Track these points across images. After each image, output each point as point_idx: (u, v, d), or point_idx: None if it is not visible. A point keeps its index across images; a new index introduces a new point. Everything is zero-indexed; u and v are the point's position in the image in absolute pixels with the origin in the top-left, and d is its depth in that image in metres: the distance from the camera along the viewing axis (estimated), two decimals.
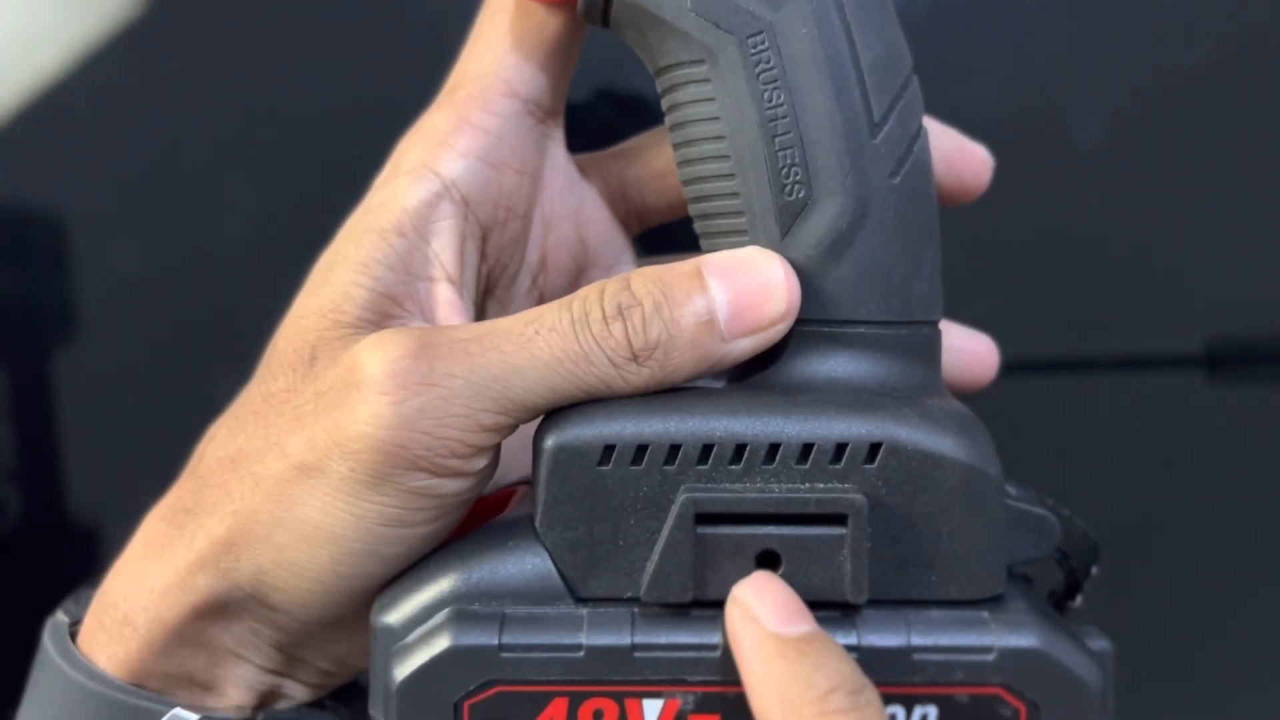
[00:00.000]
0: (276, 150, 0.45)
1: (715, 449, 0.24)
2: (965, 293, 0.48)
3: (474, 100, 0.28)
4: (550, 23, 0.28)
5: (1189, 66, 0.45)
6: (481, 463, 0.25)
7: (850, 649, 0.24)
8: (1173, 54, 0.45)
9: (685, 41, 0.25)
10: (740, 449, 0.24)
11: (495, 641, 0.23)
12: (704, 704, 0.24)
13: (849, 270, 0.25)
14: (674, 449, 0.24)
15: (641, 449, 0.24)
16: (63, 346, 0.48)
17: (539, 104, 0.29)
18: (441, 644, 0.23)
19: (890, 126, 0.26)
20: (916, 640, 0.24)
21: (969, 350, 0.32)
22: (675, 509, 0.24)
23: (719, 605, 0.24)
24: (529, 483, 0.28)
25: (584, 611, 0.24)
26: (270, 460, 0.26)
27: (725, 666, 0.24)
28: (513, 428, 0.25)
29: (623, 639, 0.24)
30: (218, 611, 0.27)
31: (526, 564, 0.24)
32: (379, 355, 0.24)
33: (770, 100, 0.25)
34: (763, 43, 0.25)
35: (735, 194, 0.26)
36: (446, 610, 0.24)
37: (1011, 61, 0.46)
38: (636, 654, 0.24)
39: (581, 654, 0.24)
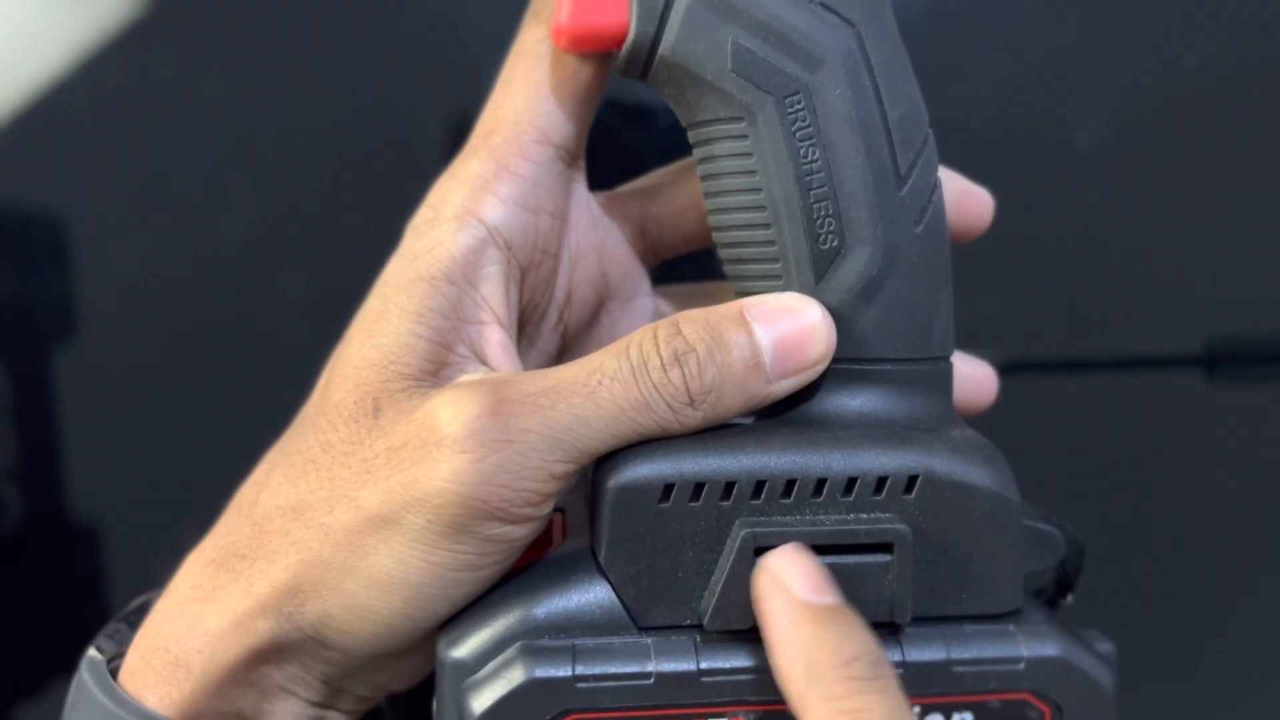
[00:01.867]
0: (276, 150, 0.45)
1: (767, 485, 0.26)
2: (965, 293, 0.48)
3: (511, 147, 0.29)
4: (583, 71, 0.29)
5: (1188, 66, 0.45)
6: (549, 507, 0.27)
7: (897, 664, 0.26)
8: (1172, 54, 0.45)
9: (725, 100, 0.27)
10: (790, 484, 0.26)
11: (570, 673, 0.25)
12: None
13: (878, 312, 0.27)
14: (729, 486, 0.26)
15: (699, 487, 0.26)
16: (63, 346, 0.48)
17: (568, 149, 0.30)
18: (518, 677, 0.25)
19: (914, 179, 0.27)
20: (955, 654, 0.26)
21: (972, 378, 0.34)
22: (736, 543, 0.25)
23: None
24: (562, 510, 0.30)
25: (649, 640, 0.26)
26: (340, 512, 0.27)
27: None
28: (578, 473, 0.27)
29: (689, 665, 0.26)
30: (275, 653, 0.28)
31: (590, 596, 0.26)
32: (456, 414, 0.25)
33: (806, 156, 0.27)
34: (799, 102, 0.27)
35: (771, 242, 0.27)
36: (518, 644, 0.25)
37: (1011, 61, 0.46)
38: (703, 679, 0.25)
39: (651, 681, 0.25)
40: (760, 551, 0.25)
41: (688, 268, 0.36)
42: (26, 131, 0.46)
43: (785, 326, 0.26)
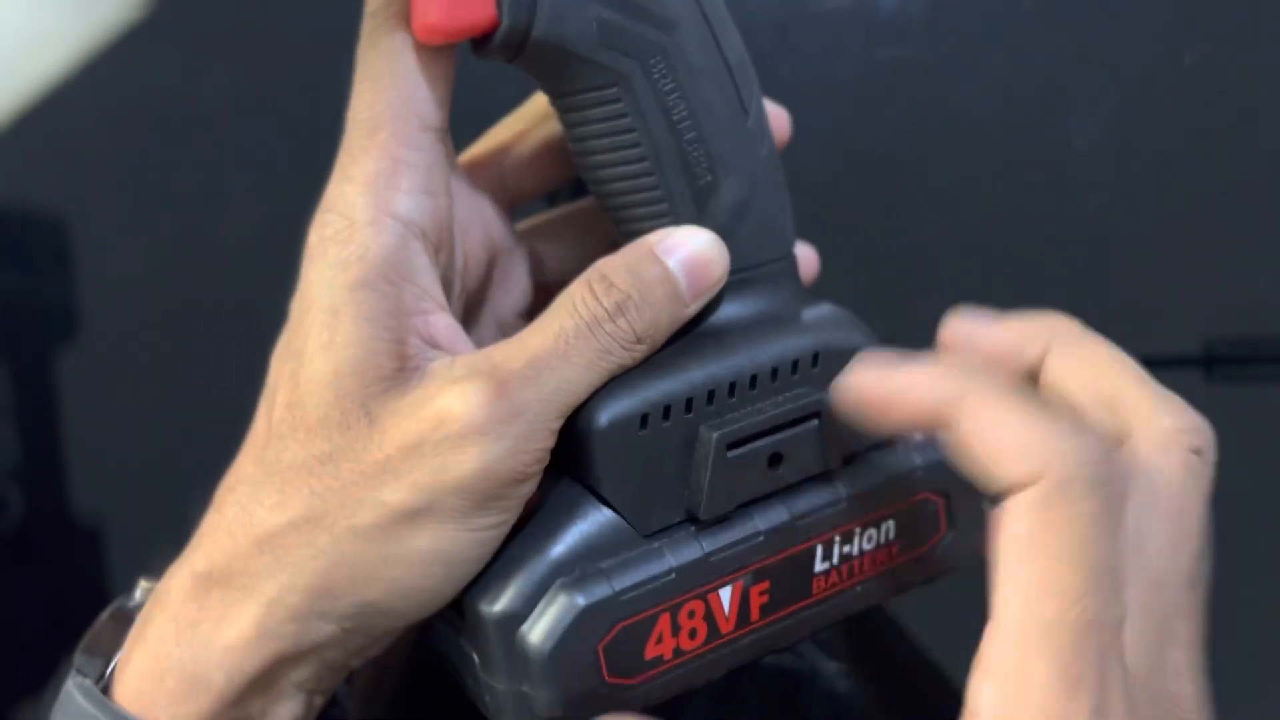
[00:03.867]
0: (276, 150, 0.45)
1: (715, 392, 0.31)
2: (965, 293, 0.48)
3: (400, 141, 0.31)
4: (444, 53, 0.31)
5: (1187, 67, 0.45)
6: (548, 456, 0.29)
7: (837, 501, 0.32)
8: (1171, 54, 0.46)
9: (597, 70, 0.30)
10: (732, 386, 0.31)
11: (611, 591, 0.29)
12: (757, 577, 0.31)
13: (750, 228, 0.32)
14: (689, 401, 0.31)
15: (667, 409, 0.30)
16: (65, 346, 0.48)
17: (442, 128, 0.32)
18: (572, 608, 0.29)
19: (754, 111, 0.32)
20: (874, 481, 0.33)
21: (803, 257, 0.37)
22: (711, 445, 0.30)
23: (749, 504, 0.31)
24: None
25: (659, 544, 0.30)
26: (365, 513, 0.28)
27: (765, 546, 0.31)
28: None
29: (697, 552, 0.30)
30: (301, 654, 0.29)
31: (598, 524, 0.30)
32: (467, 402, 0.28)
33: (674, 109, 0.31)
34: (661, 62, 0.30)
35: (655, 187, 0.31)
36: (559, 581, 0.29)
37: (1011, 62, 0.47)
38: (711, 559, 0.30)
39: (673, 575, 0.30)
40: (732, 446, 0.31)
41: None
42: (28, 132, 0.46)
43: (689, 255, 0.31)
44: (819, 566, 0.32)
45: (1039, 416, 0.26)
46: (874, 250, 0.48)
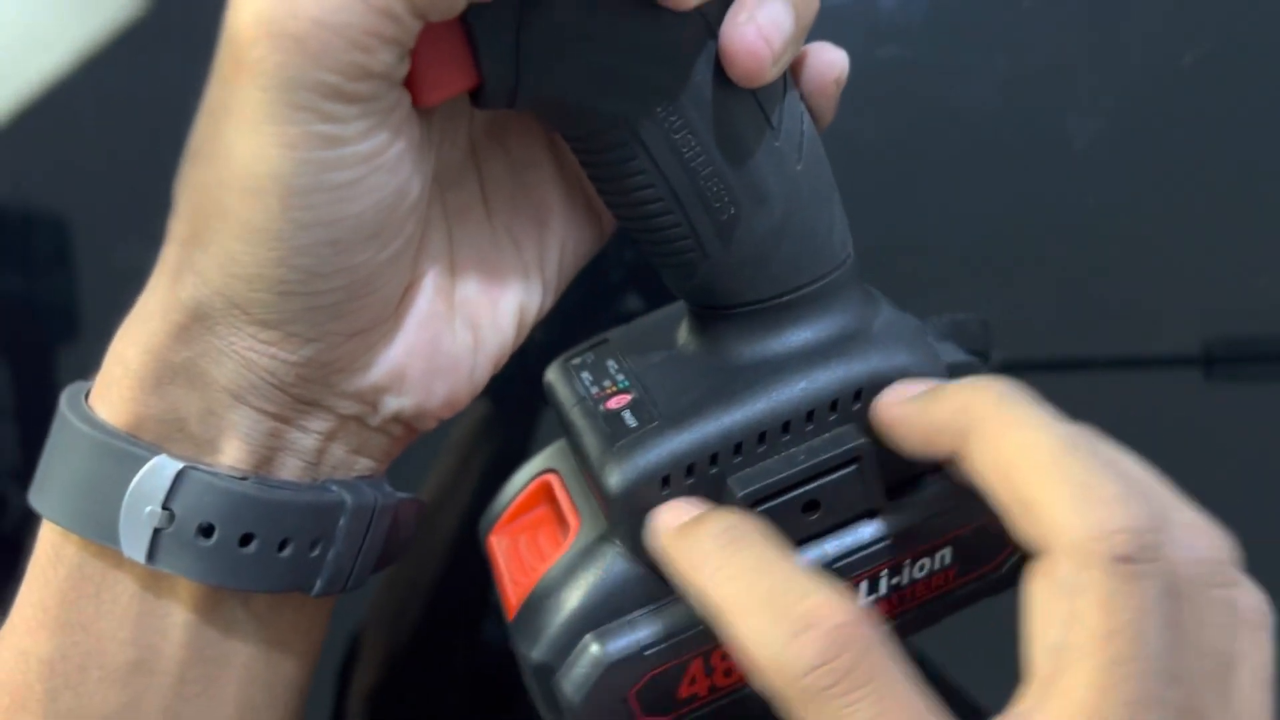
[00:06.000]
0: None
1: (744, 443, 0.29)
2: (966, 293, 0.48)
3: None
4: None
5: (1186, 67, 0.45)
6: (391, 56, 0.25)
7: (884, 537, 0.30)
8: (1170, 54, 0.46)
9: (596, 116, 0.28)
10: (762, 435, 0.29)
11: (637, 646, 0.29)
12: None
13: (789, 249, 0.30)
14: (713, 457, 0.29)
15: (690, 467, 0.29)
16: (66, 345, 0.48)
17: None
18: (600, 662, 0.29)
19: (785, 123, 0.29)
20: (924, 514, 0.31)
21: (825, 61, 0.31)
22: (737, 502, 0.29)
23: None
24: (554, 471, 0.34)
25: None
26: (203, 128, 0.26)
27: None
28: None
29: None
30: (200, 326, 0.27)
31: (626, 577, 0.29)
32: None
33: (685, 145, 0.28)
34: (665, 100, 0.28)
35: (677, 224, 0.29)
36: (589, 635, 0.29)
37: (1010, 62, 0.47)
38: None
39: (701, 628, 0.29)
40: (756, 504, 0.29)
41: None
42: (29, 132, 0.47)
43: None
44: (863, 600, 0.31)
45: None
46: (873, 250, 0.48)
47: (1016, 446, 0.25)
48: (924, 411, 0.28)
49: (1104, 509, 0.23)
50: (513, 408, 0.48)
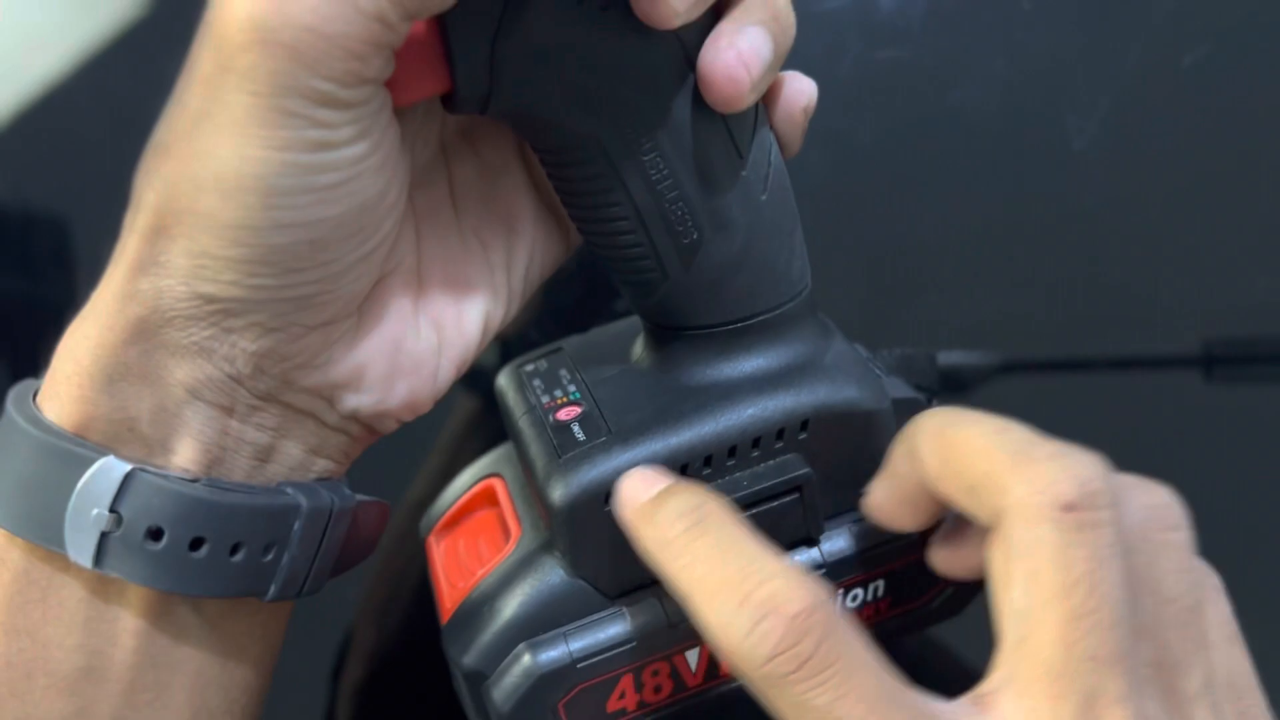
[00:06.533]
0: None
1: (688, 466, 0.29)
2: (965, 293, 0.48)
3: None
4: None
5: (1185, 68, 0.45)
6: (379, 60, 0.25)
7: (818, 566, 0.31)
8: (1169, 55, 0.46)
9: (566, 133, 0.28)
10: (708, 459, 0.29)
11: (570, 658, 0.29)
12: None
13: (746, 278, 0.30)
14: None
15: None
16: None
17: None
18: (532, 672, 0.29)
19: (753, 154, 0.29)
20: (860, 545, 0.31)
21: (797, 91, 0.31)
22: None
23: None
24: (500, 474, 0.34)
25: (623, 609, 0.30)
26: (176, 125, 0.26)
27: None
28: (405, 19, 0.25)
29: (661, 621, 0.30)
30: (160, 317, 0.27)
31: (563, 590, 0.30)
32: None
33: (653, 168, 0.28)
34: (637, 123, 0.28)
35: (640, 244, 0.30)
36: (522, 644, 0.29)
37: (1009, 63, 0.47)
38: (676, 626, 0.30)
39: (634, 644, 0.30)
40: None
41: None
42: (29, 132, 0.47)
43: None
44: None
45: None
46: (873, 250, 0.48)
47: (955, 443, 0.26)
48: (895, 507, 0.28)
49: (1042, 465, 0.24)
50: None
